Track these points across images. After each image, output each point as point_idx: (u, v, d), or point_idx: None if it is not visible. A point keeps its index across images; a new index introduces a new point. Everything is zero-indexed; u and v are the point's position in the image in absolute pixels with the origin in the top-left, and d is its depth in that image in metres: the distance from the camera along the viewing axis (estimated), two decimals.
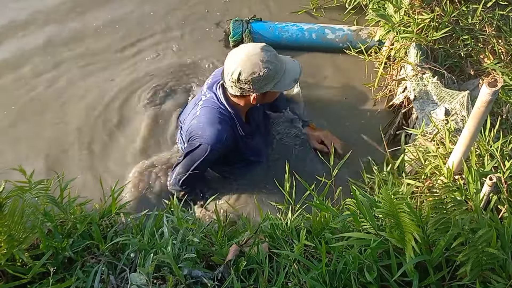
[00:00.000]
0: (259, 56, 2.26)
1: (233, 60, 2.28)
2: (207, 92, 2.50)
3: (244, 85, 2.29)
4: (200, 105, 2.47)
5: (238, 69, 2.25)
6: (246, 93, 2.34)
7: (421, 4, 2.93)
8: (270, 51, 2.32)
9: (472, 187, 1.85)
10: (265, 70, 2.25)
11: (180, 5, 3.63)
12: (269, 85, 2.32)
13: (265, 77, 2.27)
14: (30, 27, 3.41)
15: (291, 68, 2.39)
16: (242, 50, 2.30)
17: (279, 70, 2.33)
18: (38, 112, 2.95)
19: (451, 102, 2.44)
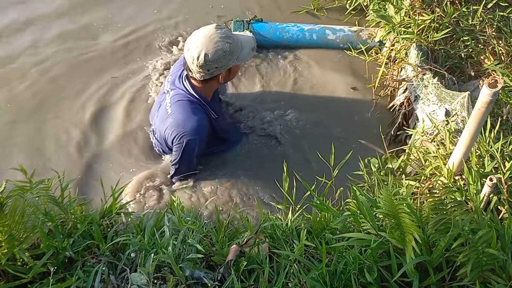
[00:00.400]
0: (218, 34, 2.37)
1: (194, 46, 2.36)
2: (170, 89, 2.57)
3: (212, 64, 2.38)
4: (168, 103, 2.52)
5: (202, 52, 2.34)
6: (215, 73, 2.44)
7: (421, 5, 2.94)
8: (223, 28, 2.44)
9: (472, 188, 1.85)
10: (227, 45, 2.37)
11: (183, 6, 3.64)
12: (233, 59, 2.44)
13: (229, 51, 2.39)
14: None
15: (245, 39, 2.54)
16: (198, 35, 2.39)
17: (238, 43, 2.46)
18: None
19: (452, 103, 2.44)
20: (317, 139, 2.88)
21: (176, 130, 2.46)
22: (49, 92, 3.06)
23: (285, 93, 3.12)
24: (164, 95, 2.59)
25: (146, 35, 3.43)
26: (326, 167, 2.58)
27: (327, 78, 3.21)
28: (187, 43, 2.42)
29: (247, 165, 2.74)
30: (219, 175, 2.68)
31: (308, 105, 3.05)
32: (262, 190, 2.59)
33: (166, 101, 2.54)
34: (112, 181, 2.45)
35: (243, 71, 3.20)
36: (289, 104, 3.06)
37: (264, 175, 2.69)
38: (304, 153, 2.81)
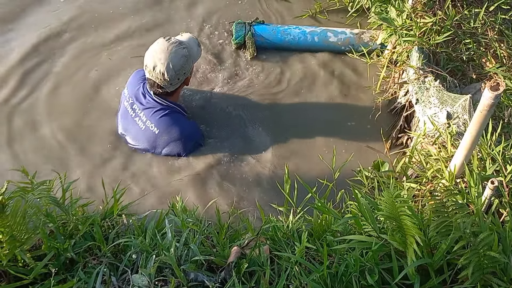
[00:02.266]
0: (172, 45, 2.55)
1: (158, 63, 2.53)
2: (140, 110, 2.70)
3: (181, 72, 2.59)
4: (150, 123, 2.67)
5: (170, 65, 2.53)
6: (183, 78, 2.66)
7: (423, 7, 2.94)
8: (170, 37, 2.61)
9: (474, 190, 1.85)
10: (185, 50, 2.59)
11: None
12: (191, 60, 2.67)
13: (188, 55, 2.61)
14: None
15: (188, 38, 2.72)
16: (155, 52, 2.55)
17: (188, 45, 2.64)
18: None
19: (453, 105, 2.44)
20: (317, 142, 2.88)
21: (178, 140, 2.69)
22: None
23: (284, 96, 3.12)
24: (131, 119, 2.73)
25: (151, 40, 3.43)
26: (327, 170, 2.59)
27: (327, 80, 3.21)
28: (148, 63, 2.56)
29: (249, 169, 2.74)
30: (221, 176, 2.69)
31: (308, 108, 3.05)
32: (263, 193, 2.60)
33: (142, 122, 2.69)
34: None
35: (239, 76, 3.21)
36: (287, 107, 3.06)
37: (265, 177, 2.70)
38: (303, 156, 2.81)
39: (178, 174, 2.67)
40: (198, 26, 3.50)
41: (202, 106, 3.02)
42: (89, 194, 2.47)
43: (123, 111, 2.80)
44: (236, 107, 3.03)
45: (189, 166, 2.72)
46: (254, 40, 3.30)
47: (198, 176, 2.67)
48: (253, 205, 2.46)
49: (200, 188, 2.63)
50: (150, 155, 2.74)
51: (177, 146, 2.70)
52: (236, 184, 2.66)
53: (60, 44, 3.33)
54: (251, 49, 3.30)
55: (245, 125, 2.94)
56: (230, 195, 2.60)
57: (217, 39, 3.42)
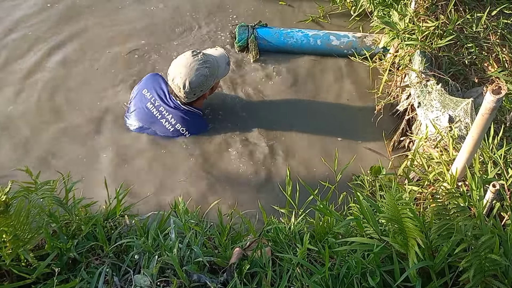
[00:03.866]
0: (196, 62, 2.67)
1: (178, 77, 2.66)
2: (166, 112, 2.82)
3: (197, 89, 2.70)
4: (179, 126, 2.81)
5: (187, 81, 2.65)
6: (200, 94, 2.75)
7: (426, 11, 2.94)
8: (198, 53, 2.72)
9: (475, 193, 1.85)
10: (206, 69, 2.68)
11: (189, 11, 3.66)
12: (214, 79, 2.77)
13: (209, 74, 2.70)
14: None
15: (220, 57, 2.83)
16: (179, 65, 2.68)
17: (214, 64, 2.75)
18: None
19: (455, 109, 2.44)
20: (320, 145, 2.88)
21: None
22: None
23: (286, 99, 3.13)
24: (157, 120, 2.83)
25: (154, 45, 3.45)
26: (329, 173, 2.60)
27: (329, 83, 3.22)
28: (170, 73, 2.71)
29: (251, 171, 2.75)
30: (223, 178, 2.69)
31: (310, 111, 3.06)
32: (265, 195, 2.61)
33: (170, 124, 2.81)
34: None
35: (241, 79, 3.22)
36: (290, 110, 3.07)
37: (267, 179, 2.70)
38: (305, 158, 2.81)
39: (180, 176, 2.68)
40: (201, 28, 3.51)
41: (204, 107, 3.02)
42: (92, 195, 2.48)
43: (146, 113, 2.85)
44: (238, 109, 3.04)
45: (191, 168, 2.73)
46: (257, 43, 3.32)
47: (200, 178, 2.68)
48: (255, 207, 2.46)
49: (202, 189, 2.63)
50: (152, 155, 2.75)
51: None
52: (238, 186, 2.67)
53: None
54: (254, 52, 3.31)
55: (247, 127, 2.95)
56: (232, 196, 2.61)
57: (220, 42, 3.43)
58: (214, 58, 2.78)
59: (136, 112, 2.87)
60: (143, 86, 2.91)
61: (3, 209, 1.43)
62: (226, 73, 2.89)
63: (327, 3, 3.68)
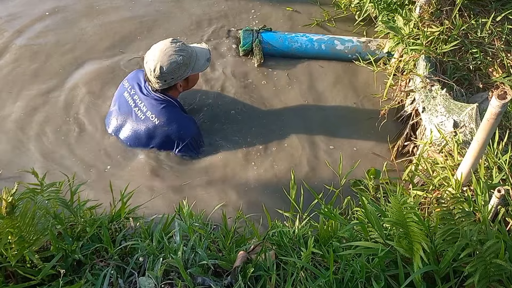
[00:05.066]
0: (172, 48, 2.63)
1: (151, 60, 2.63)
2: (140, 101, 2.77)
3: (168, 76, 2.64)
4: (150, 114, 2.73)
5: (158, 65, 2.60)
6: (172, 83, 2.69)
7: (430, 17, 2.95)
8: (178, 41, 2.69)
9: (480, 198, 1.85)
10: (180, 57, 2.63)
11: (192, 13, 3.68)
12: (188, 70, 2.70)
13: (182, 63, 2.64)
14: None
15: (201, 51, 2.80)
16: (155, 49, 2.65)
17: (192, 55, 2.71)
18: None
19: (460, 114, 2.44)
20: (324, 148, 2.89)
21: (184, 135, 2.74)
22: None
23: (291, 103, 3.13)
24: (131, 109, 2.79)
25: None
26: (333, 177, 2.60)
27: (333, 88, 3.22)
28: (146, 56, 2.68)
29: (255, 174, 2.75)
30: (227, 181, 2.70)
31: (314, 115, 3.06)
32: (269, 198, 2.61)
33: (142, 112, 2.75)
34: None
35: (245, 82, 3.22)
36: (294, 114, 3.07)
37: (271, 183, 2.71)
38: (309, 162, 2.82)
39: (184, 179, 2.69)
40: (206, 31, 3.52)
41: (208, 110, 3.03)
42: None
43: (121, 102, 2.84)
44: (242, 112, 3.05)
45: (195, 170, 2.73)
46: (262, 47, 3.32)
47: (204, 181, 2.68)
48: (259, 210, 2.46)
49: (207, 192, 2.64)
50: (158, 157, 2.76)
51: (174, 139, 2.75)
52: (242, 189, 2.67)
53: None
54: (258, 56, 3.31)
55: (251, 131, 2.95)
56: (236, 200, 2.61)
57: (224, 45, 3.44)
58: (193, 49, 2.75)
59: (115, 107, 2.89)
60: (125, 78, 2.93)
61: (9, 210, 1.44)
62: (204, 68, 2.82)
63: (331, 8, 3.68)
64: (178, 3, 3.72)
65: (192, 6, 3.71)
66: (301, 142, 2.91)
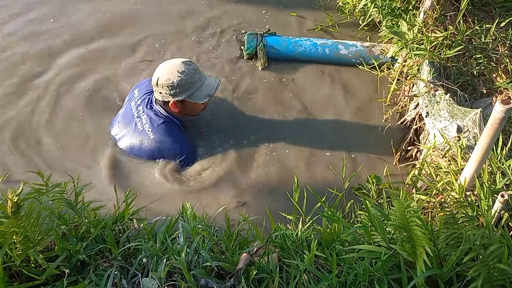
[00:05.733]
0: (177, 67, 2.65)
1: (158, 68, 2.70)
2: (141, 114, 2.82)
3: (162, 89, 2.67)
4: (148, 128, 2.77)
5: (158, 75, 2.65)
6: (165, 98, 2.70)
7: (434, 22, 2.95)
8: (190, 65, 2.70)
9: (484, 203, 1.85)
10: (178, 79, 2.62)
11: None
12: (182, 94, 2.68)
13: (177, 85, 2.64)
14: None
15: (208, 84, 2.76)
16: (168, 62, 2.71)
17: (194, 83, 2.69)
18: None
19: (464, 119, 2.45)
20: (327, 152, 2.89)
21: (175, 155, 2.78)
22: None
23: (294, 107, 3.14)
24: (133, 119, 2.83)
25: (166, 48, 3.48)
26: (337, 180, 2.60)
27: (337, 92, 3.23)
28: (160, 64, 2.73)
29: (258, 177, 2.76)
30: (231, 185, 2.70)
31: (318, 119, 3.07)
32: (272, 201, 2.62)
33: (141, 124, 2.79)
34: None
35: (249, 86, 3.23)
36: (297, 117, 3.08)
37: (275, 186, 2.71)
38: (313, 166, 2.82)
39: (188, 181, 2.69)
40: (211, 35, 3.54)
41: (211, 113, 3.04)
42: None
43: (127, 110, 2.89)
44: (245, 116, 3.06)
45: (198, 173, 2.74)
46: (266, 51, 3.34)
47: (207, 183, 2.69)
48: (262, 213, 2.46)
49: (210, 195, 2.64)
50: (162, 162, 2.77)
51: (165, 156, 2.79)
52: (245, 191, 2.67)
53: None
54: (262, 60, 3.33)
55: (254, 134, 2.96)
56: (239, 202, 2.62)
57: (229, 49, 3.45)
58: (199, 79, 2.72)
59: (120, 112, 2.94)
60: (137, 86, 2.99)
61: (15, 210, 1.44)
62: (201, 101, 2.73)
63: (336, 13, 3.70)
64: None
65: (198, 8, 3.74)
66: (304, 145, 2.92)
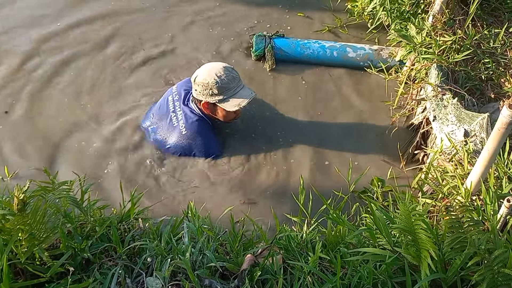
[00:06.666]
0: (216, 70, 2.68)
1: (201, 68, 2.74)
2: (178, 109, 2.88)
3: (197, 87, 2.71)
4: (182, 124, 2.83)
5: (198, 73, 2.71)
6: (198, 96, 2.74)
7: (443, 26, 2.95)
8: (231, 72, 2.72)
9: (490, 208, 1.84)
10: (213, 81, 2.65)
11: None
12: (213, 97, 2.71)
13: (210, 87, 2.67)
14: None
15: (243, 95, 2.75)
16: (212, 63, 2.76)
17: (228, 89, 2.70)
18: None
19: (471, 123, 2.44)
20: (333, 155, 2.89)
21: (205, 153, 2.85)
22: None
23: (301, 109, 3.14)
24: (168, 113, 2.89)
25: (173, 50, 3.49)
26: (342, 183, 2.60)
27: (345, 94, 3.23)
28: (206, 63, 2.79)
29: (264, 178, 2.76)
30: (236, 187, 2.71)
31: (325, 121, 3.07)
32: (278, 203, 2.62)
33: (176, 119, 2.85)
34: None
35: (257, 87, 3.24)
36: (304, 120, 3.08)
37: (280, 187, 2.71)
38: (319, 168, 2.82)
39: (194, 181, 2.70)
40: (219, 36, 3.55)
41: None
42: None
43: (163, 103, 2.96)
44: (253, 118, 3.06)
45: (205, 174, 2.74)
46: (274, 53, 3.34)
47: (213, 184, 2.70)
48: (268, 214, 2.47)
49: (216, 196, 2.65)
50: (168, 161, 2.78)
51: (195, 152, 2.84)
52: (251, 193, 2.68)
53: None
54: (270, 62, 3.33)
55: (261, 136, 2.96)
56: (244, 204, 2.62)
57: (238, 50, 3.46)
58: (234, 87, 2.73)
59: (156, 105, 3.01)
60: (176, 84, 3.03)
61: (21, 207, 1.45)
62: (230, 109, 2.72)
63: (344, 15, 3.70)
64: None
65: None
66: (309, 148, 2.92)
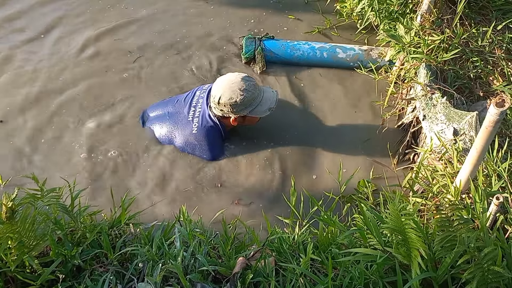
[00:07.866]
0: (238, 85, 2.68)
1: (217, 86, 2.73)
2: (199, 107, 2.88)
3: (224, 107, 2.71)
4: (196, 123, 2.84)
5: (219, 94, 2.69)
6: (226, 115, 2.75)
7: (431, 25, 2.96)
8: (250, 81, 2.74)
9: (479, 206, 1.85)
10: (241, 97, 2.67)
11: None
12: (246, 110, 2.73)
13: (241, 103, 2.68)
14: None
15: (268, 98, 2.80)
16: (226, 77, 2.76)
17: (256, 98, 2.74)
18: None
19: (460, 122, 2.45)
20: (324, 156, 2.89)
21: (205, 156, 2.84)
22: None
23: (292, 111, 3.15)
24: (190, 106, 2.90)
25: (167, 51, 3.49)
26: (333, 184, 2.60)
27: (335, 95, 3.23)
28: (217, 80, 2.78)
29: (256, 181, 2.76)
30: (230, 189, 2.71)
31: (315, 122, 3.07)
32: (270, 205, 2.62)
33: (193, 115, 2.86)
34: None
35: None
36: (295, 121, 3.08)
37: (272, 189, 2.71)
38: (310, 169, 2.82)
39: (186, 185, 2.70)
40: (209, 39, 3.55)
41: None
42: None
43: (189, 96, 2.95)
44: None
45: (197, 177, 2.74)
46: (264, 55, 3.34)
47: (205, 187, 2.69)
48: (259, 216, 2.47)
49: (207, 199, 2.65)
50: (161, 163, 2.78)
51: (196, 153, 2.85)
52: (242, 195, 2.67)
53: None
54: (261, 64, 3.33)
55: (252, 138, 2.96)
56: (236, 206, 2.62)
57: (227, 53, 3.46)
58: (260, 93, 2.78)
59: (181, 96, 3.02)
60: (208, 84, 3.00)
61: (9, 215, 1.45)
62: (263, 115, 2.79)
63: (334, 16, 3.71)
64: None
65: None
66: (299, 149, 2.92)
